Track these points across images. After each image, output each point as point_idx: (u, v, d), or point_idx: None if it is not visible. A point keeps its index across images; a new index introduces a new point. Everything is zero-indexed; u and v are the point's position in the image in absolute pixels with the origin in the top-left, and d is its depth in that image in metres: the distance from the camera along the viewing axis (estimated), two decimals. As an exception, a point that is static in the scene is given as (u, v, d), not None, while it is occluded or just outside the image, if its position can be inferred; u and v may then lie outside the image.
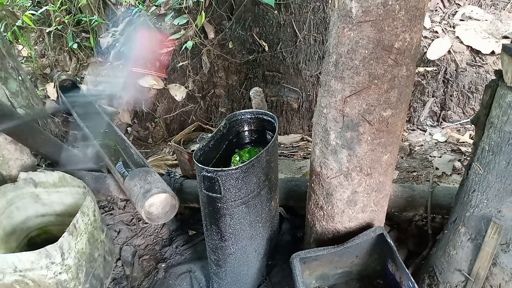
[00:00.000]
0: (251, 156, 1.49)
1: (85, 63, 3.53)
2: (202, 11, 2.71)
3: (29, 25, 3.20)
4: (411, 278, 1.21)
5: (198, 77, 3.02)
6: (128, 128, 3.20)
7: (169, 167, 2.33)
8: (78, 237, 1.53)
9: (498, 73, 1.07)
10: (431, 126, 2.70)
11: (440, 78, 2.59)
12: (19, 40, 3.35)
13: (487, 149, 1.11)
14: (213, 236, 1.46)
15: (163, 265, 1.90)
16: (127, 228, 2.13)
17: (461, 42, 2.56)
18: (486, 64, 2.48)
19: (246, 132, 1.63)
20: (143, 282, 1.84)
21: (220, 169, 1.24)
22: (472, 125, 2.09)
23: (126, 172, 1.92)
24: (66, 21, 3.37)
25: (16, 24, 3.15)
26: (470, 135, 2.50)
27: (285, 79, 2.78)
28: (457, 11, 2.77)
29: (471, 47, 2.52)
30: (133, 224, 2.16)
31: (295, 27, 2.60)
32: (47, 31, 3.47)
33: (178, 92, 3.07)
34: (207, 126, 2.23)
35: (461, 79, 2.55)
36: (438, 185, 2.00)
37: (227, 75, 2.97)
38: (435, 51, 2.55)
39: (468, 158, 1.76)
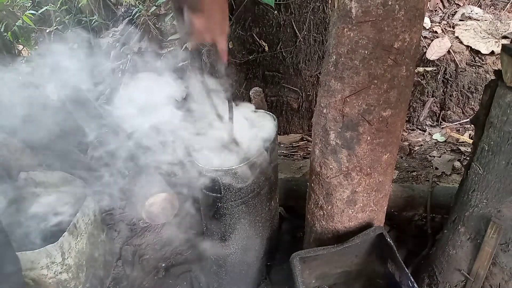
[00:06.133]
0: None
1: (85, 63, 3.53)
2: (202, 11, 2.69)
3: (29, 25, 3.20)
4: (411, 277, 1.21)
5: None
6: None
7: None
8: (78, 237, 1.53)
9: (498, 73, 1.07)
10: (431, 126, 2.70)
11: (439, 78, 2.59)
12: (19, 40, 3.35)
13: (486, 149, 1.11)
14: (213, 236, 1.46)
15: (163, 265, 1.90)
16: (127, 228, 2.14)
17: (461, 42, 2.56)
18: (486, 64, 2.48)
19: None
20: (143, 282, 1.84)
21: (220, 169, 1.24)
22: (472, 125, 2.09)
23: (126, 172, 1.92)
24: (66, 21, 3.37)
25: (16, 24, 3.15)
26: (470, 135, 2.50)
27: (285, 79, 2.78)
28: (456, 11, 2.77)
29: (470, 47, 2.52)
30: (133, 224, 2.17)
31: (295, 27, 2.60)
32: (47, 31, 3.47)
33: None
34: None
35: (460, 79, 2.55)
36: (438, 184, 2.00)
37: (227, 75, 2.96)
38: (434, 51, 2.55)
39: (468, 158, 1.77)
